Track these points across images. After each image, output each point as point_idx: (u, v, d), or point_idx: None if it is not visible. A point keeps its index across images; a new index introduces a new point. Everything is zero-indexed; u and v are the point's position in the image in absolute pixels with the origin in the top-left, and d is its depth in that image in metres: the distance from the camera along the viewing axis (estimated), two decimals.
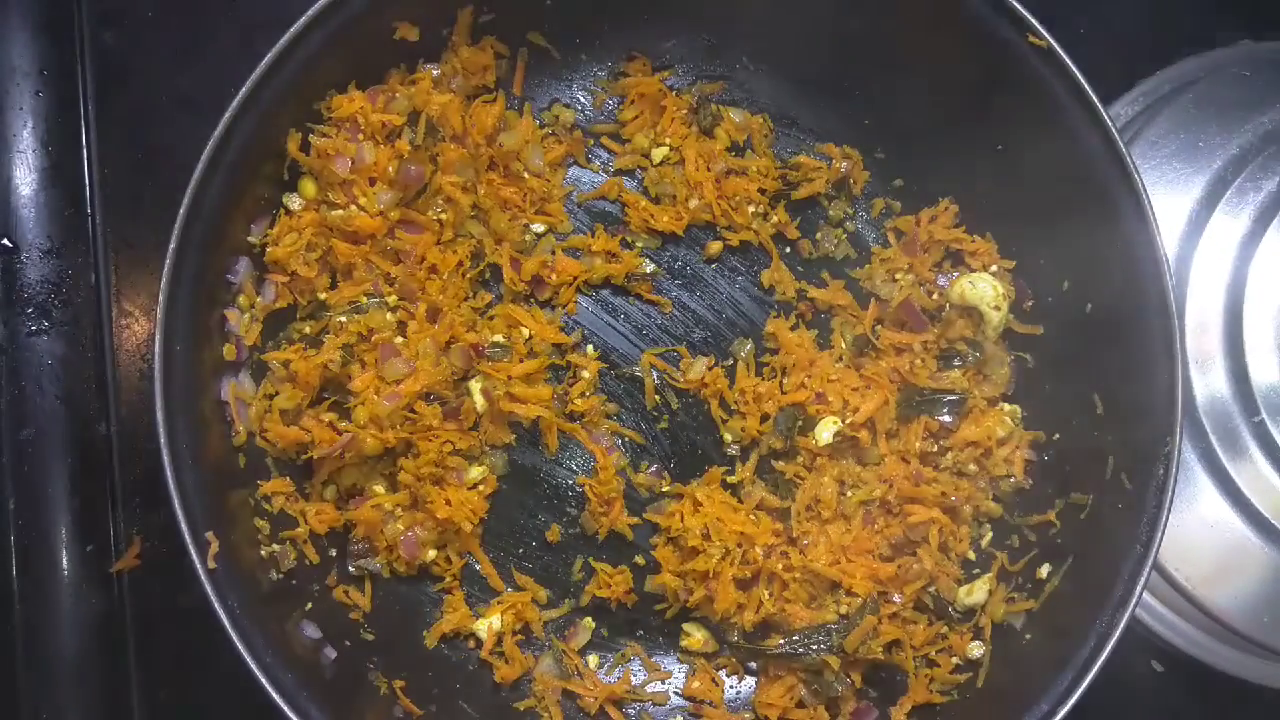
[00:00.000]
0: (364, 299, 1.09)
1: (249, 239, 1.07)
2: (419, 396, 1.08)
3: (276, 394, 1.08)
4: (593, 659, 1.14)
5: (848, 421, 1.12)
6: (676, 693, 1.14)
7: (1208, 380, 1.12)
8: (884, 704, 1.10)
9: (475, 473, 1.12)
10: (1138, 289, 1.01)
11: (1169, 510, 0.98)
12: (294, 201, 1.09)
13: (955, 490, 1.11)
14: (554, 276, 1.16)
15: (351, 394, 1.07)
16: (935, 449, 1.12)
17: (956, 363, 1.13)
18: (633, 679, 1.14)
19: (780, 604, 1.10)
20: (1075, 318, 1.08)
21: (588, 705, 1.12)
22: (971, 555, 1.12)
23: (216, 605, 0.95)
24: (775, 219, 1.19)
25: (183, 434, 0.98)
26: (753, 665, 1.15)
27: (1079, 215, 1.05)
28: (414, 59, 1.11)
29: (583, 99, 1.20)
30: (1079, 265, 1.08)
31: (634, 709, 1.14)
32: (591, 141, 1.20)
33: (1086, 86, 1.01)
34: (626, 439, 1.17)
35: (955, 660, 1.10)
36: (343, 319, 1.09)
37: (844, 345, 1.17)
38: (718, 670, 1.14)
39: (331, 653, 1.05)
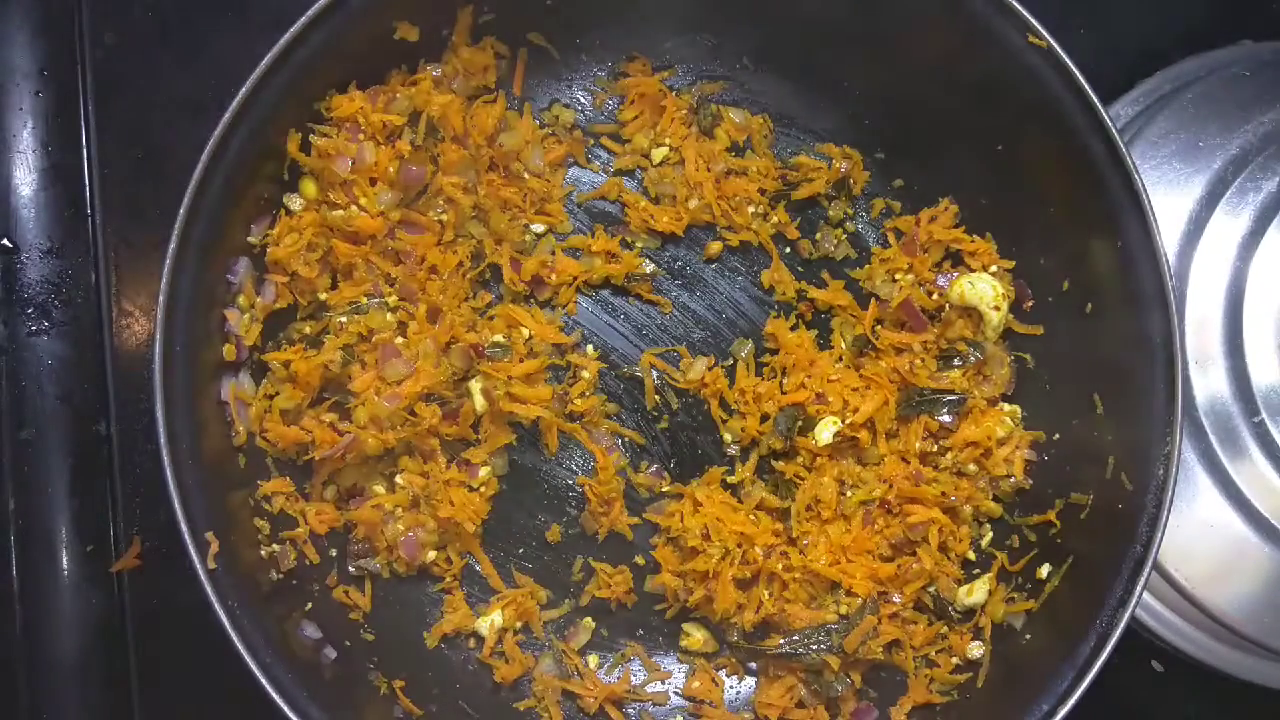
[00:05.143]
0: (364, 299, 1.09)
1: (249, 239, 1.07)
2: (419, 397, 1.08)
3: (276, 394, 1.08)
4: (593, 659, 1.14)
5: (848, 421, 1.12)
6: (676, 693, 1.14)
7: (1208, 380, 1.12)
8: (884, 704, 1.10)
9: (481, 473, 1.12)
10: (1138, 289, 1.01)
11: (1169, 510, 0.98)
12: (294, 202, 1.09)
13: (955, 490, 1.11)
14: (554, 276, 1.16)
15: (352, 394, 1.08)
16: (935, 449, 1.12)
17: (956, 363, 1.13)
18: (633, 679, 1.14)
19: (780, 604, 1.10)
20: (1075, 318, 1.08)
21: (587, 705, 1.12)
22: (971, 555, 1.12)
23: (216, 605, 0.95)
24: (775, 219, 1.19)
25: (183, 434, 0.98)
26: (753, 665, 1.15)
27: (1079, 215, 1.05)
28: (414, 59, 1.11)
29: (583, 99, 1.20)
30: (1079, 265, 1.08)
31: (634, 709, 1.14)
32: (591, 141, 1.20)
33: (1086, 86, 1.01)
34: (626, 439, 1.17)
35: (955, 660, 1.10)
36: (343, 319, 1.09)
37: (844, 345, 1.17)
38: (718, 670, 1.14)
39: (331, 653, 1.05)
